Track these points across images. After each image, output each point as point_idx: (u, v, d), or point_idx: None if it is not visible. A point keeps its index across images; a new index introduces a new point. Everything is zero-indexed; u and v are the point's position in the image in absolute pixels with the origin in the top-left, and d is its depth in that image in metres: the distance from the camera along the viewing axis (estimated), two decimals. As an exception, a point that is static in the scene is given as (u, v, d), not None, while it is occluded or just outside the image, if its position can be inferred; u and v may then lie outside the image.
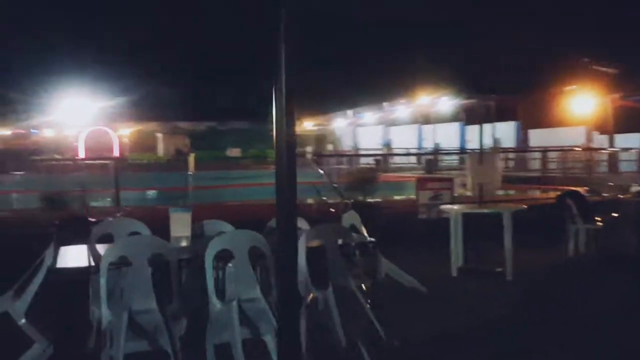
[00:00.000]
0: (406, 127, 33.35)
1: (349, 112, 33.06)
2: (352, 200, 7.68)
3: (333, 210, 7.98)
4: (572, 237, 7.66)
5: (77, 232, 4.06)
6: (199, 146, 40.12)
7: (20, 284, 3.35)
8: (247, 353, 3.27)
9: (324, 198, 8.50)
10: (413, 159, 31.22)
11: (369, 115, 33.02)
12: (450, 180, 9.47)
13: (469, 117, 27.80)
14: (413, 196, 9.40)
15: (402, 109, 30.42)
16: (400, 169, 25.72)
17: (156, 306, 3.21)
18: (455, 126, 29.86)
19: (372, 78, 37.22)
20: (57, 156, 34.42)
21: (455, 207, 7.10)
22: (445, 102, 26.90)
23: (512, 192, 14.21)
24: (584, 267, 7.33)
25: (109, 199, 7.80)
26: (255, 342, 3.53)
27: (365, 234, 4.43)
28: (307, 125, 38.22)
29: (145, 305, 3.18)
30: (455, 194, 10.64)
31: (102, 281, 3.13)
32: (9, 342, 3.28)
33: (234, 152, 38.05)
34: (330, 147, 37.61)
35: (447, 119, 30.17)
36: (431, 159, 23.88)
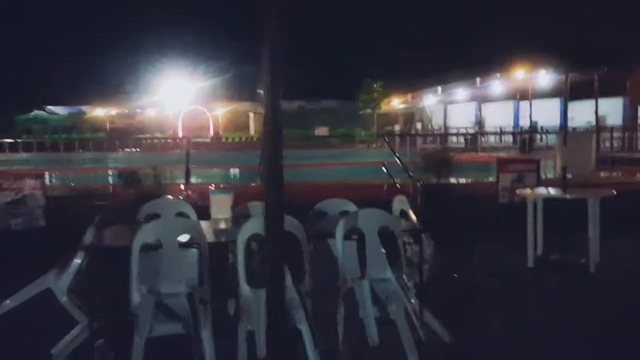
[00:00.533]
0: (501, 103, 31.51)
1: (439, 88, 31.74)
2: (420, 182, 7.24)
3: (399, 190, 7.59)
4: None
5: (125, 212, 4.13)
6: (289, 125, 40.85)
7: (63, 261, 3.45)
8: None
9: (394, 179, 8.12)
10: (509, 138, 29.54)
11: (460, 92, 31.52)
12: (535, 161, 8.66)
13: (571, 92, 25.59)
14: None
15: (496, 84, 28.67)
16: (494, 149, 24.39)
17: (185, 290, 3.17)
18: (555, 102, 27.70)
19: (464, 52, 35.63)
20: (158, 135, 36.61)
21: (534, 191, 6.46)
22: (544, 76, 24.93)
23: (614, 174, 12.91)
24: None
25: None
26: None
27: (415, 221, 4.07)
28: (395, 103, 37.34)
29: (174, 288, 3.15)
30: (545, 177, 9.82)
31: (133, 262, 3.12)
32: (52, 319, 3.39)
33: (322, 130, 38.18)
34: (419, 125, 36.58)
35: (547, 95, 28.05)
36: (525, 138, 22.31)
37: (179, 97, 37.62)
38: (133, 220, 3.94)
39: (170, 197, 5.29)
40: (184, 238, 3.31)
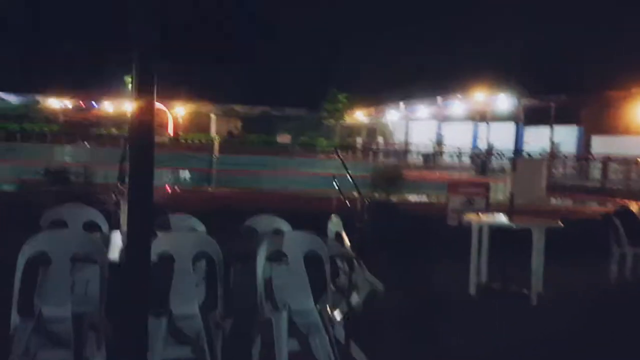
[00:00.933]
0: (460, 123, 31.96)
1: (401, 104, 32.02)
2: (367, 199, 7.00)
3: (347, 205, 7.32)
4: (616, 260, 6.68)
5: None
6: (251, 130, 40.37)
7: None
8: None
9: (343, 194, 7.86)
10: (466, 158, 29.95)
11: (422, 109, 31.86)
12: (485, 185, 8.58)
13: (527, 117, 26.20)
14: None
15: (457, 104, 29.10)
16: (452, 168, 24.60)
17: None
18: (512, 126, 28.28)
19: (427, 69, 36.03)
20: (114, 130, 35.41)
21: (480, 216, 6.31)
22: (503, 99, 25.42)
23: (563, 201, 13.08)
24: (625, 295, 6.36)
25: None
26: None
27: (348, 245, 3.78)
28: (359, 115, 37.42)
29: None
30: (496, 201, 9.77)
31: (16, 278, 2.70)
32: None
33: (284, 138, 37.82)
34: (380, 139, 36.73)
35: (505, 118, 28.60)
36: (482, 160, 22.62)
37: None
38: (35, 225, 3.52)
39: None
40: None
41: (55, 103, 37.94)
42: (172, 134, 36.97)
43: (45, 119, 37.59)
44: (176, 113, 38.58)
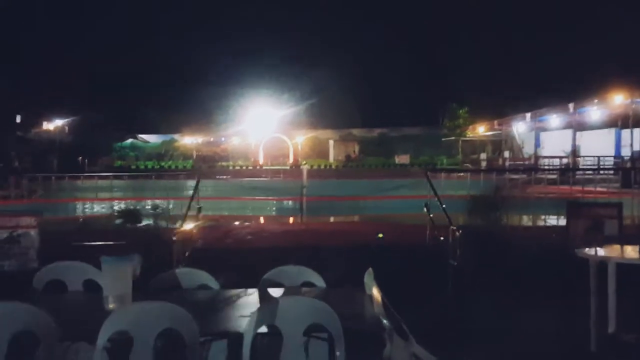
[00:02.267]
0: (599, 131, 28.34)
1: (528, 115, 29.28)
2: (456, 227, 5.95)
3: (440, 237, 6.34)
4: None
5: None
6: (370, 152, 39.96)
7: None
8: None
9: (431, 220, 6.85)
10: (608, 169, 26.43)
11: (553, 118, 28.83)
12: (617, 206, 7.00)
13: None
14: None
15: (593, 110, 25.82)
16: (590, 181, 21.70)
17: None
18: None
19: (554, 75, 32.80)
20: (240, 162, 37.25)
21: (600, 250, 4.98)
22: (649, 100, 21.92)
23: None
24: None
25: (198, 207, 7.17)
26: None
27: (378, 309, 2.84)
28: (481, 130, 35.12)
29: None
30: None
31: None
32: None
33: (403, 158, 36.81)
34: (506, 153, 34.01)
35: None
36: (627, 171, 19.53)
37: (261, 126, 38.19)
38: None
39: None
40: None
41: (190, 140, 41.01)
42: (292, 162, 37.86)
43: (182, 155, 40.78)
44: (296, 141, 39.55)
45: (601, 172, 24.92)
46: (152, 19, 47.12)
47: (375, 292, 2.85)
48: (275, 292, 3.15)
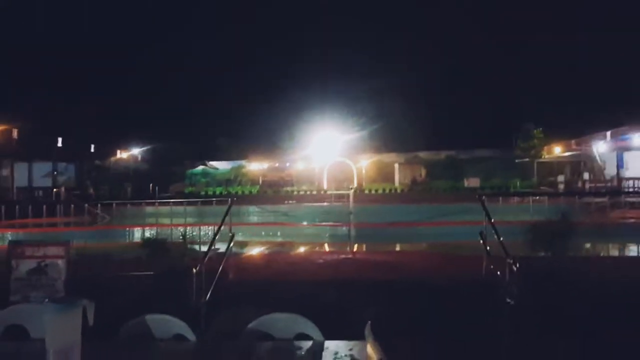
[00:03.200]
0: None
1: (608, 133, 27.11)
2: (512, 260, 5.12)
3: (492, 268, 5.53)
4: None
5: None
6: (437, 175, 38.61)
7: None
8: None
9: (487, 252, 6.03)
10: None
11: (637, 137, 26.48)
12: None
13: None
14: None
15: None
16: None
17: None
18: None
19: (637, 89, 30.25)
20: (304, 187, 37.19)
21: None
22: None
23: None
24: None
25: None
26: None
27: None
28: (557, 150, 32.97)
29: None
30: None
31: None
32: None
33: (473, 182, 35.15)
34: (586, 175, 31.60)
35: None
36: None
37: (325, 150, 38.07)
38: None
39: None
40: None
41: (256, 166, 41.68)
42: (356, 185, 37.29)
43: (250, 181, 41.46)
44: (360, 165, 39.02)
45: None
46: (219, 49, 48.94)
47: (370, 351, 2.25)
48: (263, 346, 2.62)
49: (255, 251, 9.29)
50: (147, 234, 11.80)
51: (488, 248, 5.98)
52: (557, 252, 5.98)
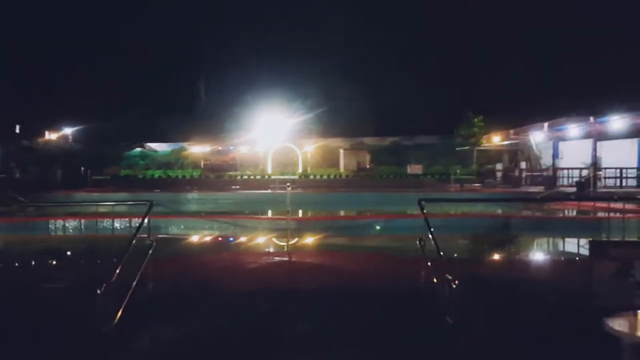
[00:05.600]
0: (623, 141, 26.77)
1: (545, 124, 27.85)
2: (453, 279, 4.76)
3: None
4: None
5: None
6: (381, 162, 38.71)
7: None
8: None
9: (427, 260, 5.67)
10: (632, 182, 25.05)
11: (572, 128, 27.33)
12: (652, 246, 5.75)
13: None
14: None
15: (616, 119, 24.33)
16: (613, 197, 20.23)
17: None
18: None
19: (573, 82, 31.29)
20: (248, 172, 36.33)
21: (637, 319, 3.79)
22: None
23: None
24: None
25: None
26: None
27: None
28: (496, 139, 33.71)
29: None
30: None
31: None
32: None
33: (415, 168, 35.47)
34: (523, 164, 32.53)
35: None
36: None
37: (270, 134, 37.30)
38: None
39: None
40: None
41: (198, 149, 40.29)
42: (301, 171, 36.86)
43: (192, 164, 40.04)
44: (306, 150, 38.53)
45: (625, 183, 23.53)
46: (159, 25, 46.65)
47: None
48: None
49: (182, 251, 8.61)
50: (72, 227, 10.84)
51: (429, 263, 5.59)
52: (498, 265, 5.69)
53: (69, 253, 5.82)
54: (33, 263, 6.27)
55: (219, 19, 49.53)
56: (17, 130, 28.90)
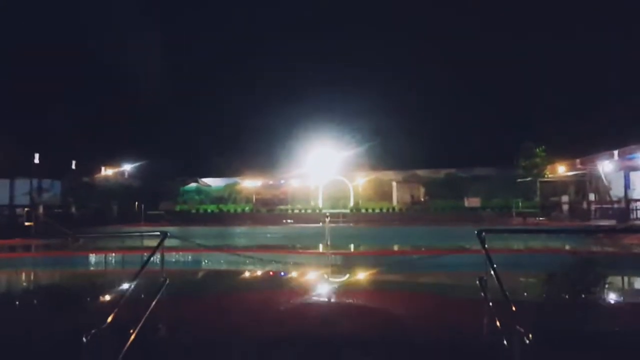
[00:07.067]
0: None
1: (616, 152, 25.72)
2: (525, 332, 3.68)
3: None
4: None
5: None
6: (436, 195, 37.18)
7: None
8: None
9: (489, 303, 4.59)
10: None
11: (646, 156, 25.09)
12: None
13: None
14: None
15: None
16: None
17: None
18: None
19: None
20: (299, 206, 35.76)
21: None
22: None
23: None
24: None
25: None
26: None
27: None
28: (561, 170, 31.56)
29: None
30: None
31: None
32: None
33: (473, 201, 33.70)
34: (592, 196, 30.13)
35: None
36: None
37: (321, 168, 36.82)
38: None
39: None
40: None
41: (250, 183, 40.37)
42: (352, 204, 35.91)
43: (245, 199, 40.09)
44: (357, 183, 37.68)
45: None
46: (214, 64, 47.88)
47: None
48: None
49: (204, 288, 7.84)
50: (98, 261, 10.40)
51: (491, 304, 4.53)
52: (581, 312, 4.52)
53: (76, 291, 5.24)
54: (35, 302, 5.69)
55: (273, 51, 50.26)
56: (73, 166, 29.77)
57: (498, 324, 4.39)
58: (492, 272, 4.70)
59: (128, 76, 38.08)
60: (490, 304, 4.56)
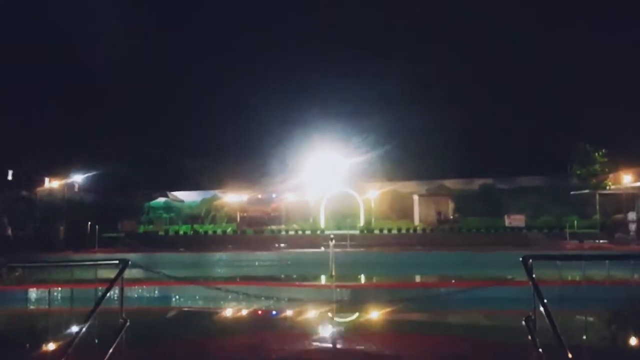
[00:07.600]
0: None
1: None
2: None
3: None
4: None
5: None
6: (469, 211, 37.27)
7: None
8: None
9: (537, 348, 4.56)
10: None
11: None
12: None
13: None
14: None
15: None
16: None
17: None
18: None
19: None
20: (295, 226, 35.80)
21: None
22: None
23: None
24: None
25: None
26: None
27: None
28: (627, 179, 31.61)
29: None
30: None
31: None
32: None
33: (516, 219, 33.72)
34: (666, 212, 30.14)
35: None
36: None
37: (322, 179, 36.93)
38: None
39: None
40: None
41: (234, 198, 40.49)
42: (362, 223, 35.93)
43: (226, 217, 40.19)
44: (369, 197, 37.74)
45: None
46: (193, 54, 48.27)
47: None
48: None
49: (174, 331, 7.78)
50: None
51: (540, 350, 4.52)
52: None
53: (12, 336, 5.19)
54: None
55: (261, 44, 50.75)
56: (10, 177, 29.86)
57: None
58: (541, 309, 4.70)
59: (80, 66, 38.44)
60: (540, 350, 4.57)
